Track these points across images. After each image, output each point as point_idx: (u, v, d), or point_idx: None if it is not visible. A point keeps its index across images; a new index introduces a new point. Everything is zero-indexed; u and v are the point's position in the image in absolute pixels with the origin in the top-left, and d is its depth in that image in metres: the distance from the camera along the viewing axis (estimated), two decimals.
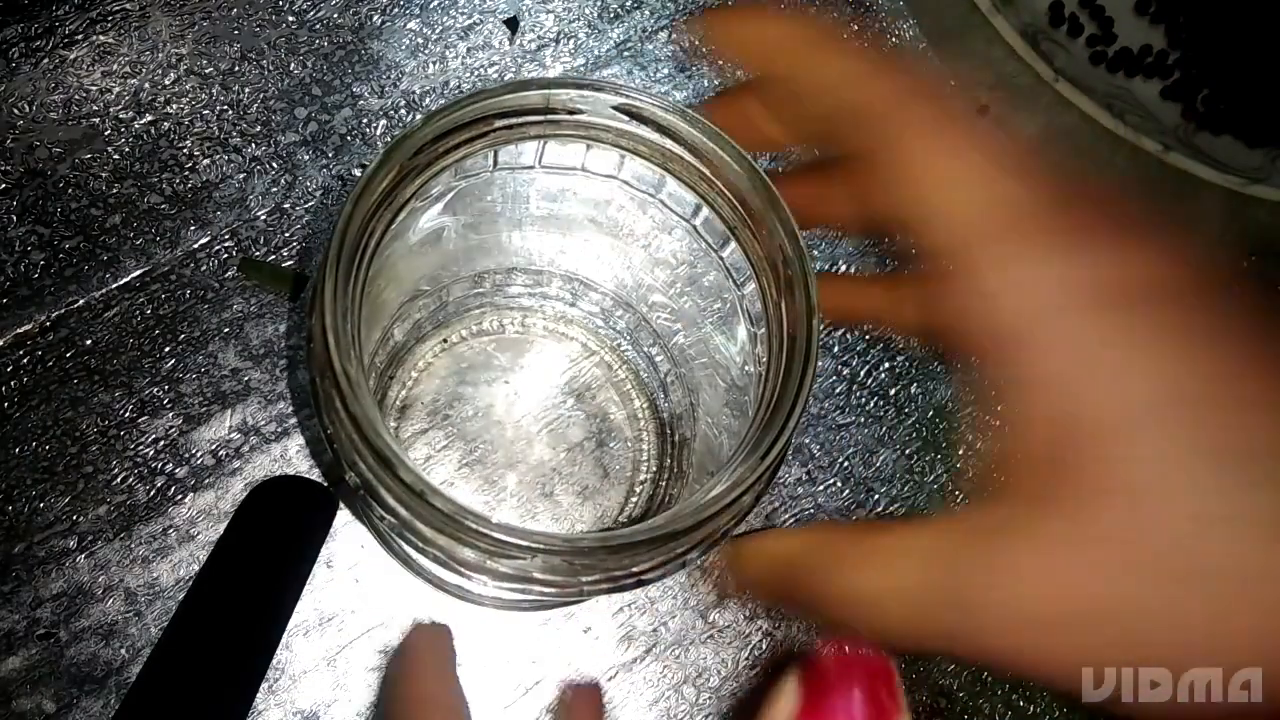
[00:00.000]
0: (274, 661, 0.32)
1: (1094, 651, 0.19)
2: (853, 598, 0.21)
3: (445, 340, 0.35)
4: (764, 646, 0.35)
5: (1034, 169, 0.21)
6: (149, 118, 0.37)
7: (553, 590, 0.23)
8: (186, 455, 0.33)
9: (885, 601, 0.20)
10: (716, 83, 0.41)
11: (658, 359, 0.34)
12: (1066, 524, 0.19)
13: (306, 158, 0.37)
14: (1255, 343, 0.19)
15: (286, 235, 0.36)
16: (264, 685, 0.31)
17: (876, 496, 0.37)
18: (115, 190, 0.36)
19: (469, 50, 0.40)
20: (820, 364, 0.38)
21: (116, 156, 0.36)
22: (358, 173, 0.38)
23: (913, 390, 0.39)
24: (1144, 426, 0.18)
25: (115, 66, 0.37)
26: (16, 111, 0.36)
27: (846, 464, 0.38)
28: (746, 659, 0.35)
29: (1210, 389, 0.19)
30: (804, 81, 0.23)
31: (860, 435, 0.38)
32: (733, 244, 0.27)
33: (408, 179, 0.24)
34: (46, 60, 0.37)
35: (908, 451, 0.38)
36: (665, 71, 0.41)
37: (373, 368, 0.31)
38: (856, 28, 0.44)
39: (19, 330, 0.34)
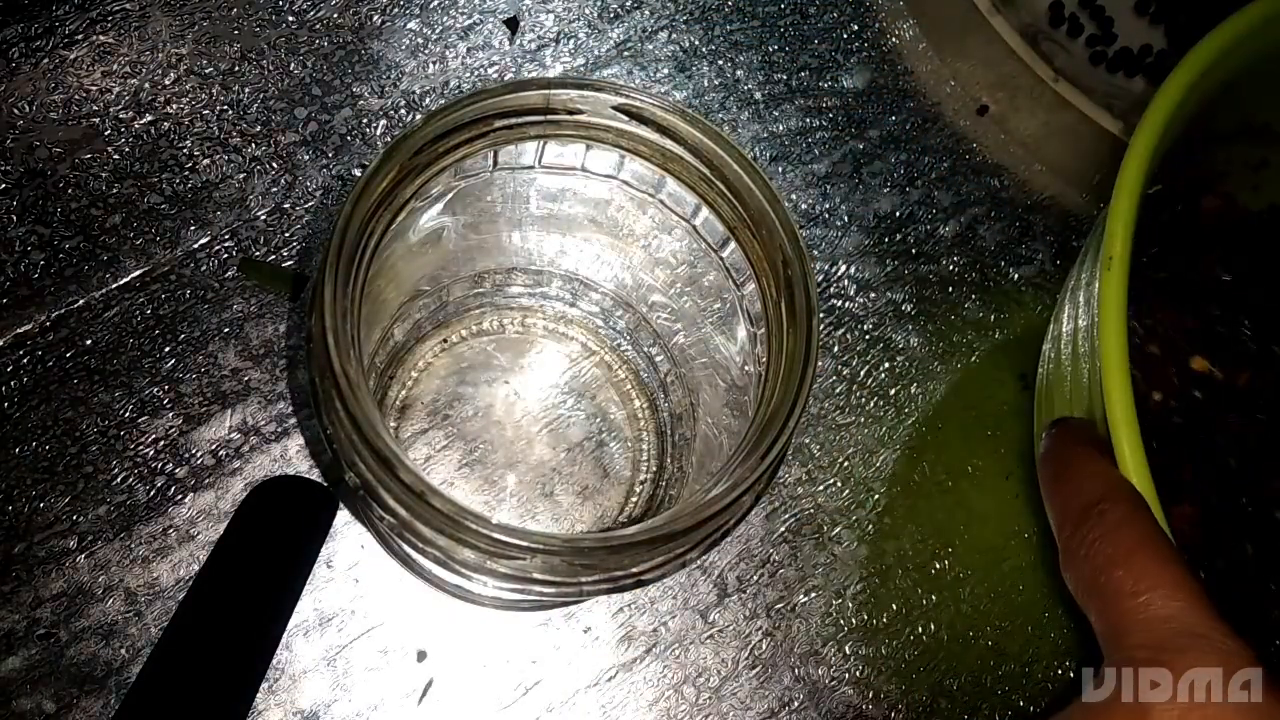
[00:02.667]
0: (274, 661, 0.32)
1: None
2: None
3: (445, 340, 0.35)
4: (764, 646, 0.35)
5: None
6: (149, 118, 0.37)
7: (553, 590, 0.23)
8: (186, 455, 0.33)
9: None
10: (717, 82, 0.41)
11: (658, 359, 0.34)
12: None
13: (306, 158, 0.37)
14: None
15: (286, 235, 0.36)
16: (264, 685, 0.31)
17: (876, 496, 0.37)
18: (115, 190, 0.36)
19: (469, 50, 0.40)
20: (820, 364, 0.38)
21: (116, 156, 0.36)
22: (358, 173, 0.38)
23: (913, 390, 0.39)
24: None
25: (115, 66, 0.37)
26: (16, 111, 0.36)
27: (846, 464, 0.38)
28: (746, 659, 0.35)
29: None
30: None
31: (860, 435, 0.38)
32: (733, 244, 0.27)
33: (408, 179, 0.24)
34: (46, 60, 0.37)
35: (908, 451, 0.38)
36: (665, 71, 0.41)
37: (373, 368, 0.31)
38: (856, 28, 0.44)
39: (19, 330, 0.34)
